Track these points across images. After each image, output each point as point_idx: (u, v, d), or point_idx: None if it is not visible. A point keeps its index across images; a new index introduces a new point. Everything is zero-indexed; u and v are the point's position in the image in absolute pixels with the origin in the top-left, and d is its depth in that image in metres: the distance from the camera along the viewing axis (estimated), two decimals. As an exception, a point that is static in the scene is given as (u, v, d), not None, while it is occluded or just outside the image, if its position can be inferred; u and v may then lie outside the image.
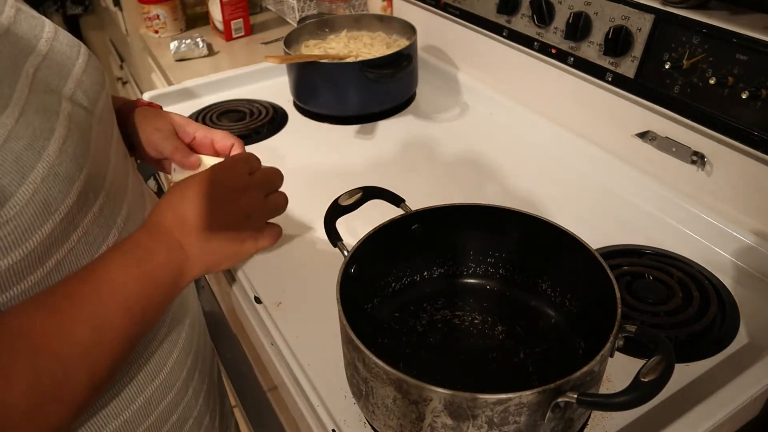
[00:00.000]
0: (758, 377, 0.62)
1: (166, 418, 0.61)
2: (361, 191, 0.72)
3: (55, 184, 0.44)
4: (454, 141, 1.11)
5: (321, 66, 1.14)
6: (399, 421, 0.54)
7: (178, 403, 0.63)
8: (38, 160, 0.43)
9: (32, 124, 0.44)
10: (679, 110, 0.85)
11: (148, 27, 1.67)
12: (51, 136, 0.44)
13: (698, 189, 0.88)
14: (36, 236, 0.43)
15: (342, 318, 0.56)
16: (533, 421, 0.51)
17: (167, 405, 0.61)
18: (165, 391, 0.60)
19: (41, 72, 0.49)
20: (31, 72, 0.48)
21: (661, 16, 0.84)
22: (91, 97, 0.54)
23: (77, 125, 0.48)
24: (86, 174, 0.47)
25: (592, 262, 0.62)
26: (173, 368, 0.61)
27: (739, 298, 0.75)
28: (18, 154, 0.42)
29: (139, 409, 0.57)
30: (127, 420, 0.56)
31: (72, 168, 0.45)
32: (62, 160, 0.44)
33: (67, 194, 0.45)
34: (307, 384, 0.66)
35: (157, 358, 0.59)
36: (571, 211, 0.91)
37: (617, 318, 0.54)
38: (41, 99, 0.46)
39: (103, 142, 0.53)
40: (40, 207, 0.43)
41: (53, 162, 0.44)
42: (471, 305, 0.72)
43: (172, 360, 0.61)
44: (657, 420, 0.60)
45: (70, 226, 0.46)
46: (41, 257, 0.44)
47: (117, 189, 0.54)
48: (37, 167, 0.43)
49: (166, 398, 0.61)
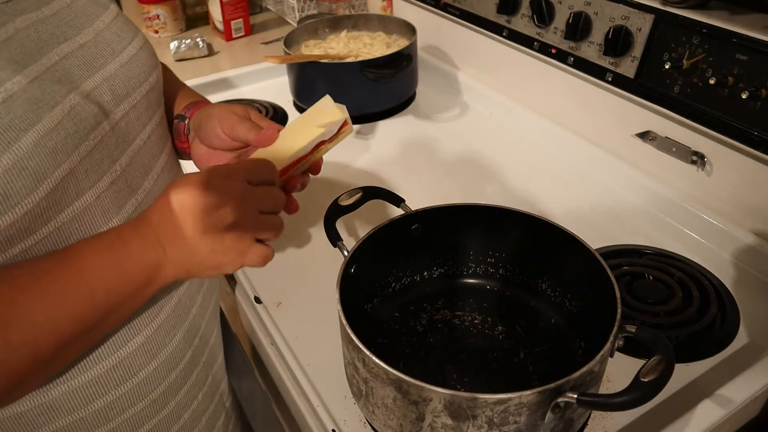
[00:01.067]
0: (758, 377, 0.62)
1: (165, 401, 0.62)
2: (361, 191, 0.72)
3: (19, 179, 0.43)
4: (454, 141, 1.11)
5: (321, 66, 1.14)
6: (399, 421, 0.54)
7: (178, 389, 0.63)
8: (4, 151, 0.42)
9: (14, 111, 0.43)
10: (679, 110, 0.85)
11: (148, 27, 1.67)
12: (30, 127, 0.44)
13: (698, 189, 0.88)
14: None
15: (342, 318, 0.56)
16: (533, 421, 0.51)
17: (168, 387, 0.61)
18: (166, 371, 0.61)
19: (67, 61, 0.50)
20: (54, 59, 0.48)
21: (661, 16, 0.84)
22: (121, 91, 0.54)
23: (77, 121, 0.47)
24: (67, 170, 0.46)
25: (592, 262, 0.62)
26: (174, 352, 0.61)
27: (739, 298, 0.75)
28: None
29: (138, 386, 0.58)
30: (122, 395, 0.57)
31: (46, 164, 0.44)
32: (36, 153, 0.43)
33: (32, 190, 0.44)
34: (307, 384, 0.66)
35: (158, 339, 0.59)
36: (572, 211, 0.91)
37: (617, 318, 0.55)
38: (42, 88, 0.46)
39: (116, 141, 0.53)
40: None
41: (22, 155, 0.43)
42: (471, 305, 0.72)
43: (174, 344, 0.61)
44: (657, 420, 0.60)
45: (37, 219, 0.45)
46: (1, 245, 0.44)
47: (120, 188, 0.53)
48: (0, 159, 0.42)
49: (167, 379, 0.61)
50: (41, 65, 0.47)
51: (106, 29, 0.55)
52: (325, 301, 0.75)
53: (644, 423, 0.61)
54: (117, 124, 0.53)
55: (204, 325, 0.67)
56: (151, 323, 0.58)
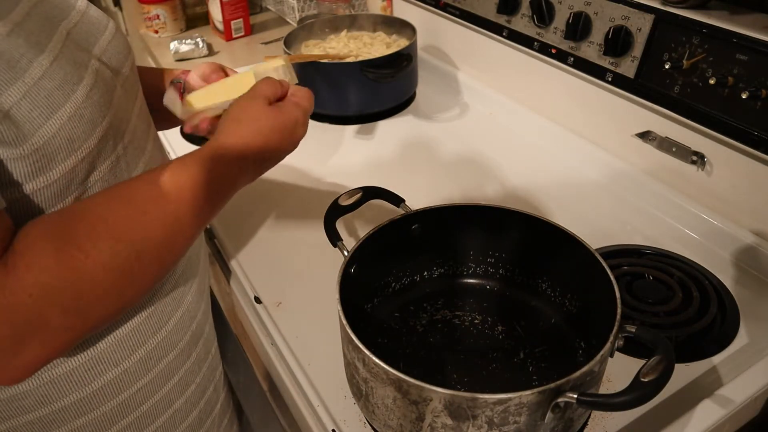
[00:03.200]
0: (758, 377, 0.62)
1: (167, 377, 0.63)
2: (361, 191, 0.72)
3: (80, 125, 0.48)
4: (454, 141, 1.11)
5: (321, 66, 1.14)
6: (399, 421, 0.54)
7: (179, 366, 0.64)
8: (67, 100, 0.47)
9: (64, 68, 0.48)
10: (679, 110, 0.85)
11: (148, 27, 1.67)
12: (80, 82, 0.49)
13: (698, 189, 0.88)
14: (58, 168, 0.47)
15: (342, 318, 0.56)
16: (533, 421, 0.51)
17: (168, 363, 0.62)
18: (167, 347, 0.62)
19: (74, 33, 0.53)
20: (64, 32, 0.52)
21: (661, 16, 0.84)
22: (116, 62, 0.57)
23: (103, 80, 0.52)
24: (108, 122, 0.51)
25: (592, 262, 0.62)
26: (176, 327, 0.63)
27: (739, 298, 0.75)
28: (50, 92, 0.46)
29: (140, 362, 0.59)
30: (126, 370, 0.58)
31: (96, 113, 0.50)
32: (87, 104, 0.49)
33: (89, 135, 0.49)
34: (307, 384, 0.66)
35: (160, 314, 0.60)
36: (571, 211, 0.91)
37: (617, 318, 0.55)
38: (73, 52, 0.51)
39: (125, 103, 0.57)
40: (65, 142, 0.47)
41: (80, 105, 0.48)
42: (471, 305, 0.72)
43: (176, 318, 0.62)
44: (657, 420, 0.60)
45: (90, 167, 0.50)
46: (62, 191, 0.49)
47: (135, 147, 0.58)
48: (65, 106, 0.47)
49: (168, 356, 0.62)
50: (60, 34, 0.51)
51: (87, 10, 0.58)
52: (325, 301, 0.75)
53: (644, 423, 0.61)
54: (124, 83, 0.58)
55: (200, 314, 0.68)
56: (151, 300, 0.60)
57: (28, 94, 0.45)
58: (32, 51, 0.47)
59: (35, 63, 0.46)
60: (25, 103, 0.45)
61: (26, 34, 0.47)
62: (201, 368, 0.68)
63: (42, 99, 0.46)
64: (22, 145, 0.45)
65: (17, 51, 0.45)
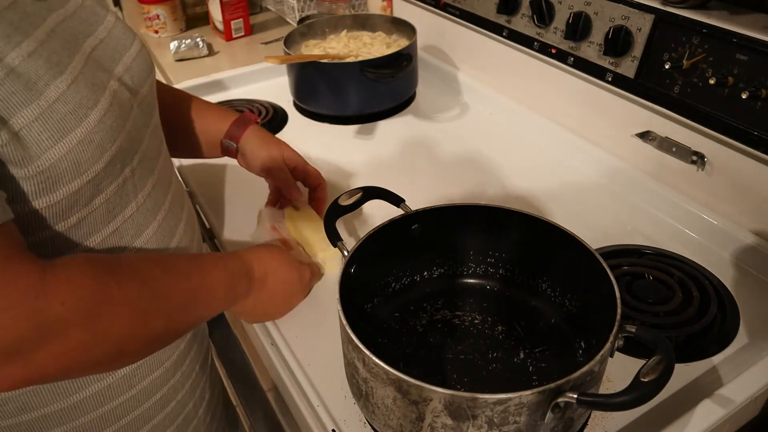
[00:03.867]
0: (758, 377, 0.62)
1: (150, 393, 0.64)
2: (361, 191, 0.72)
3: (89, 149, 0.49)
4: (454, 141, 1.11)
5: (321, 66, 1.14)
6: (399, 421, 0.54)
7: (163, 383, 0.65)
8: (78, 125, 0.48)
9: (81, 92, 0.49)
10: (679, 110, 0.85)
11: (148, 27, 1.67)
12: (94, 106, 0.50)
13: (698, 189, 0.88)
14: (62, 190, 0.48)
15: (342, 318, 0.56)
16: (533, 421, 0.51)
17: (153, 380, 0.63)
18: (154, 365, 0.63)
19: (97, 52, 0.55)
20: (88, 50, 0.53)
21: (661, 16, 0.84)
22: (137, 81, 0.59)
23: (119, 103, 0.53)
24: (118, 146, 0.52)
25: (592, 262, 0.62)
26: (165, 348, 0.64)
27: (739, 298, 0.75)
28: (63, 116, 0.47)
29: (124, 378, 0.60)
30: (110, 385, 0.59)
31: (106, 138, 0.50)
32: (99, 129, 0.50)
33: (97, 160, 0.50)
34: (307, 384, 0.66)
35: None
36: (571, 211, 0.91)
37: (617, 318, 0.54)
38: (93, 73, 0.52)
39: (140, 124, 0.58)
40: (71, 166, 0.48)
41: (91, 130, 0.49)
42: (471, 305, 0.72)
43: None
44: (657, 420, 0.60)
45: (95, 189, 0.51)
46: (64, 211, 0.50)
47: (144, 168, 0.58)
48: (76, 131, 0.48)
49: (153, 373, 0.63)
50: (82, 54, 0.52)
51: (114, 27, 0.59)
52: (325, 301, 0.75)
53: (644, 423, 0.61)
54: (141, 103, 0.59)
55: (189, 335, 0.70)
56: None
57: (41, 117, 0.46)
58: (51, 72, 0.47)
59: (52, 85, 0.47)
60: (36, 125, 0.45)
61: (48, 53, 0.48)
62: (184, 386, 0.68)
63: (54, 122, 0.46)
64: (28, 166, 0.45)
65: (36, 73, 0.46)
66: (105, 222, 0.54)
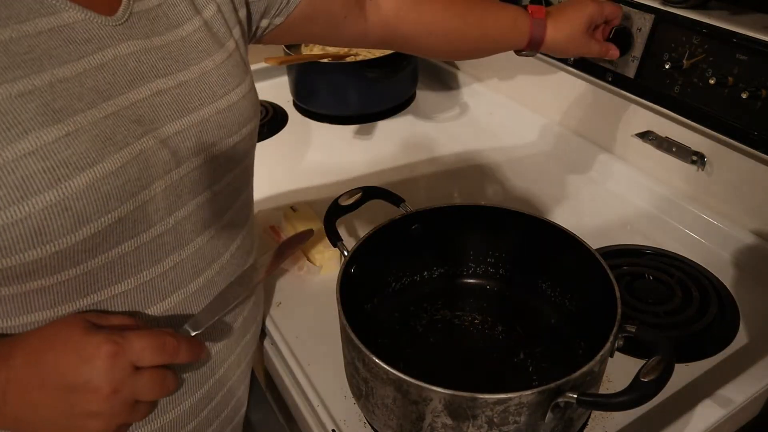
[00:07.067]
0: (758, 377, 0.62)
1: None
2: (361, 191, 0.72)
3: (59, 219, 0.40)
4: (454, 141, 1.11)
5: (321, 66, 1.14)
6: (399, 421, 0.54)
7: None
8: (53, 187, 0.40)
9: (76, 147, 0.41)
10: (679, 110, 0.85)
11: (148, 27, 1.67)
12: (88, 167, 0.41)
13: (698, 189, 0.88)
14: (15, 258, 0.40)
15: (342, 318, 0.56)
16: (533, 421, 0.51)
17: None
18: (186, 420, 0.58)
19: (159, 98, 0.47)
20: (145, 94, 0.46)
21: (661, 16, 0.84)
22: (208, 138, 0.50)
23: (143, 167, 0.45)
24: (115, 218, 0.43)
25: (592, 262, 0.62)
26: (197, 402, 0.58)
27: (739, 298, 0.75)
28: (31, 174, 0.39)
29: None
30: None
31: (93, 208, 0.42)
32: (85, 195, 0.41)
33: (71, 231, 0.41)
34: (307, 384, 0.66)
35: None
36: (571, 211, 0.91)
37: (617, 318, 0.54)
38: (116, 125, 0.43)
39: (193, 183, 0.50)
40: (29, 233, 0.40)
41: (69, 195, 0.40)
42: (471, 305, 0.72)
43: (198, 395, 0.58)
44: (657, 420, 0.60)
45: (66, 261, 0.42)
46: (19, 277, 0.42)
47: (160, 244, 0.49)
48: (45, 194, 0.39)
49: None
50: (126, 99, 0.45)
51: (213, 70, 0.51)
52: (325, 301, 0.75)
53: (644, 423, 0.61)
54: (190, 173, 0.49)
55: (234, 378, 0.63)
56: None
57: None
58: (40, 119, 0.40)
59: (32, 135, 0.39)
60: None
61: (53, 97, 0.41)
62: None
63: (15, 180, 0.38)
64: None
65: (17, 117, 0.39)
66: (80, 295, 0.46)
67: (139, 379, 0.42)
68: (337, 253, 0.74)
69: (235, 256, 0.58)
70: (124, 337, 0.41)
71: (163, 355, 0.43)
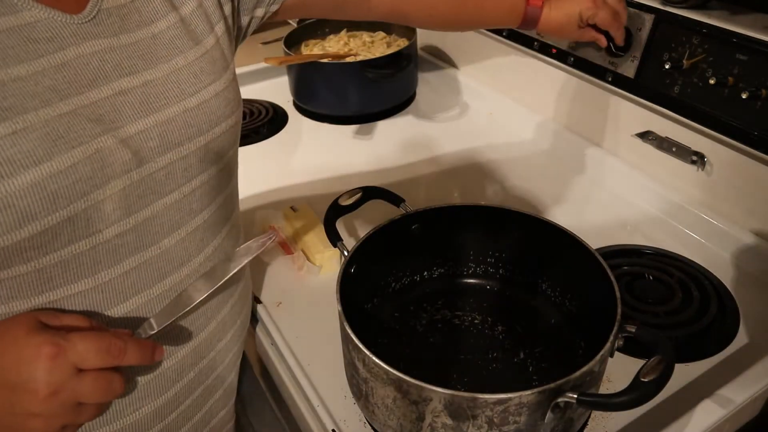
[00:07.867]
0: (758, 377, 0.62)
1: None
2: (361, 191, 0.72)
3: (1, 215, 0.40)
4: (454, 141, 1.11)
5: (321, 66, 1.14)
6: (399, 421, 0.54)
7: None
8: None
9: (20, 145, 0.40)
10: (679, 110, 0.85)
11: (148, 27, 1.67)
12: (33, 165, 0.41)
13: (698, 189, 0.88)
14: None
15: (342, 318, 0.56)
16: (533, 421, 0.51)
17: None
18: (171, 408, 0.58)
19: (122, 97, 0.46)
20: (106, 93, 0.45)
21: (661, 16, 0.84)
22: (174, 138, 0.49)
23: (97, 166, 0.44)
24: (65, 216, 0.43)
25: (592, 262, 0.62)
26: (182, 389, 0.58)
27: (739, 298, 0.75)
28: None
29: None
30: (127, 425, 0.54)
31: (39, 206, 0.41)
32: (30, 194, 0.41)
33: (14, 229, 0.41)
34: (307, 384, 0.66)
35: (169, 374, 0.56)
36: (571, 211, 0.91)
37: (617, 318, 0.54)
38: (71, 124, 0.43)
39: (157, 184, 0.49)
40: None
41: (12, 193, 0.40)
42: (471, 305, 0.72)
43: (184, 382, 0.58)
44: (657, 420, 0.60)
45: (15, 257, 0.42)
46: None
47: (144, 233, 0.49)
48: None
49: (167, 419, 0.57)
50: (86, 98, 0.44)
51: (185, 67, 0.51)
52: (325, 301, 0.75)
53: (644, 423, 0.61)
54: (153, 174, 0.49)
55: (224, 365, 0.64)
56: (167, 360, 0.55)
57: None
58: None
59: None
60: None
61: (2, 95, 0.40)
62: None
63: None
64: None
65: None
66: (34, 292, 0.45)
67: (80, 382, 0.41)
68: (337, 253, 0.74)
69: (210, 259, 0.57)
70: (66, 339, 0.41)
71: (107, 358, 0.42)
